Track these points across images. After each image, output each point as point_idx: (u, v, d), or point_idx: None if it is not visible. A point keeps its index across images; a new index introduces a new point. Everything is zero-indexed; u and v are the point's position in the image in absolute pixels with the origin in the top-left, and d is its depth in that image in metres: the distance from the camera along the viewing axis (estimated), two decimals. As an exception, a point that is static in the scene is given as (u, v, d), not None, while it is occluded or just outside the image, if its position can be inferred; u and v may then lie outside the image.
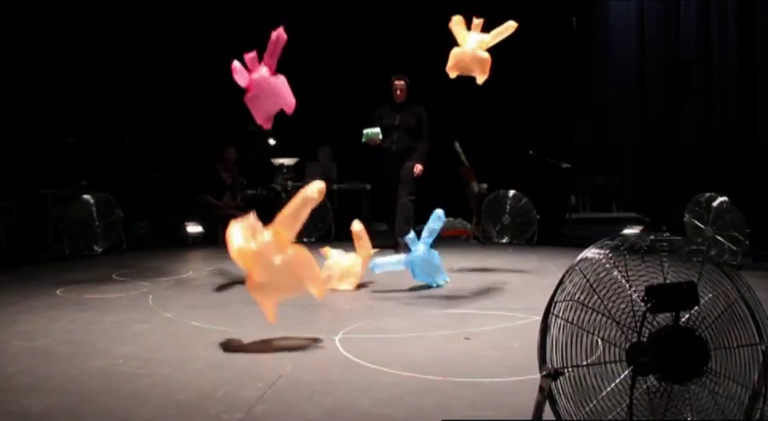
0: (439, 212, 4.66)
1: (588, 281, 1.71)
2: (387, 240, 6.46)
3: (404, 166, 6.49)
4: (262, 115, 4.35)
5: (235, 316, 3.72)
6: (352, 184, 8.74)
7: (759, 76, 6.13)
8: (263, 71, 4.18)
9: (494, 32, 5.10)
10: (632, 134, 8.74)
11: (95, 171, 7.97)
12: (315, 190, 3.14)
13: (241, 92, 4.25)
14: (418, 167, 6.44)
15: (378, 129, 6.23)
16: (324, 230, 7.86)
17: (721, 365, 1.70)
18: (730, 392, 1.70)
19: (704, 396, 1.70)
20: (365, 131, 6.33)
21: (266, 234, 2.94)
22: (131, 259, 6.22)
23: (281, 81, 4.26)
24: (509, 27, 5.05)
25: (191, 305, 4.04)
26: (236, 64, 4.12)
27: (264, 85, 4.19)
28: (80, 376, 2.57)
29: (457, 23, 5.08)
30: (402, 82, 6.56)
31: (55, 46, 7.69)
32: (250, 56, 4.15)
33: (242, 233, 2.89)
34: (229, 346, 3.03)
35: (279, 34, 4.10)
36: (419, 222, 9.54)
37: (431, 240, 4.63)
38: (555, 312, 1.72)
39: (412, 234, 4.80)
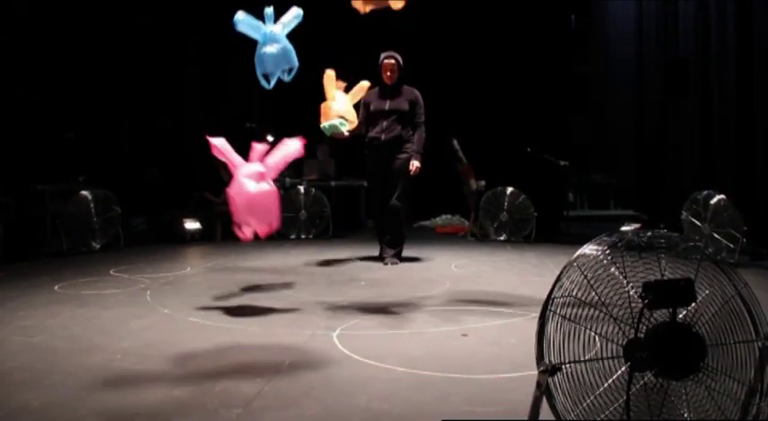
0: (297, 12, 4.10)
1: (586, 277, 1.72)
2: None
3: (396, 160, 5.55)
4: (241, 219, 3.65)
5: (232, 311, 3.72)
6: (350, 182, 8.74)
7: (757, 73, 6.14)
8: (255, 183, 3.58)
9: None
10: (630, 131, 8.76)
11: (93, 167, 7.97)
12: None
13: (235, 87, 4.23)
14: (414, 165, 5.50)
15: (337, 122, 4.87)
16: (321, 227, 7.86)
17: (718, 361, 1.71)
18: (727, 388, 1.71)
19: (701, 392, 1.70)
20: (323, 125, 4.98)
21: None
22: (129, 255, 6.22)
23: (273, 195, 3.67)
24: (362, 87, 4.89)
25: (188, 301, 4.03)
26: (218, 143, 3.72)
27: (254, 199, 3.58)
28: (78, 371, 2.57)
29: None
30: (392, 61, 5.56)
31: (53, 41, 7.68)
32: (258, 148, 3.77)
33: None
34: (227, 342, 3.03)
35: (298, 149, 3.82)
36: (418, 219, 9.60)
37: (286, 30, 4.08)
38: (552, 308, 1.73)
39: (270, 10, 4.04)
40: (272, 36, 4.01)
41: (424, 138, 5.62)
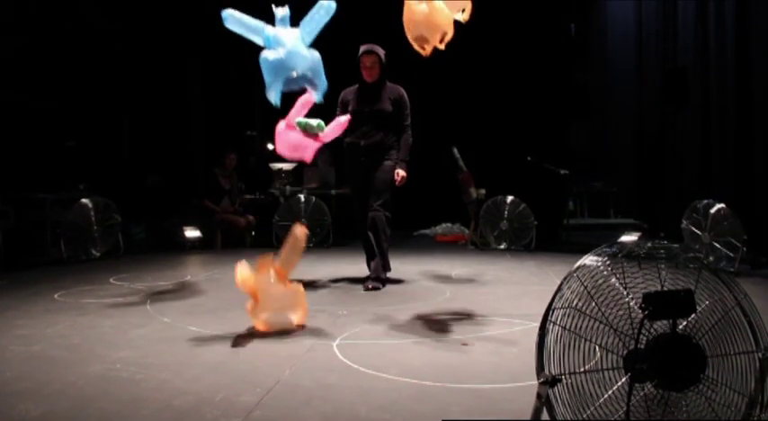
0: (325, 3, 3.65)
1: (586, 288, 1.72)
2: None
3: (378, 169, 4.87)
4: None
5: (232, 321, 3.71)
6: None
7: (756, 83, 6.16)
8: None
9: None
10: (630, 140, 8.79)
11: (93, 175, 7.98)
12: (300, 235, 3.59)
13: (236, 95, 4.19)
14: (400, 174, 4.81)
15: (315, 123, 4.21)
16: (322, 236, 7.87)
17: (718, 373, 1.71)
18: (727, 400, 1.70)
19: (701, 403, 1.70)
20: (298, 120, 4.20)
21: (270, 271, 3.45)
22: (129, 263, 6.22)
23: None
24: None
25: (188, 310, 4.03)
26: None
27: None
28: (78, 381, 2.57)
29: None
30: (373, 56, 4.80)
31: (54, 48, 7.70)
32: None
33: (249, 268, 3.35)
34: (227, 351, 3.03)
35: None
36: (418, 228, 9.58)
37: (311, 33, 3.63)
38: (552, 319, 1.73)
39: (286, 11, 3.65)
40: (276, 39, 3.52)
41: (410, 144, 4.94)
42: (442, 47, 3.78)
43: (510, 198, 7.49)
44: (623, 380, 1.66)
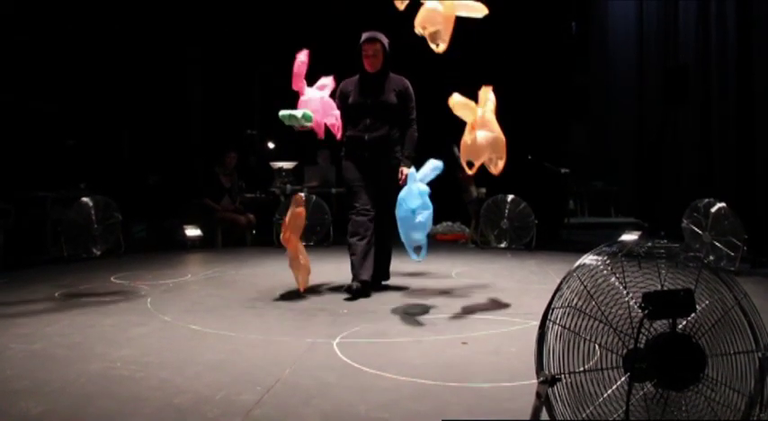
0: (436, 163, 3.99)
1: (586, 287, 1.72)
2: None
3: (384, 169, 4.56)
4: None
5: (233, 319, 3.72)
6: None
7: (757, 81, 6.16)
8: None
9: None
10: (631, 139, 8.78)
11: (94, 173, 7.97)
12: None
13: (236, 99, 4.20)
14: (404, 172, 4.31)
15: (300, 113, 4.16)
16: (322, 234, 7.86)
17: (718, 372, 1.71)
18: (727, 399, 1.70)
19: (701, 403, 1.70)
20: (281, 114, 4.24)
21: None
22: (129, 262, 6.22)
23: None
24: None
25: (189, 308, 4.04)
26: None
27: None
28: (78, 379, 2.57)
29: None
30: (376, 44, 4.48)
31: (54, 48, 7.70)
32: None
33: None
34: (227, 350, 3.03)
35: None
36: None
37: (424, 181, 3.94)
38: (552, 318, 1.72)
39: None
40: (425, 202, 3.84)
41: (416, 139, 4.66)
42: (469, 172, 4.39)
43: (510, 197, 7.48)
44: (623, 379, 1.66)
